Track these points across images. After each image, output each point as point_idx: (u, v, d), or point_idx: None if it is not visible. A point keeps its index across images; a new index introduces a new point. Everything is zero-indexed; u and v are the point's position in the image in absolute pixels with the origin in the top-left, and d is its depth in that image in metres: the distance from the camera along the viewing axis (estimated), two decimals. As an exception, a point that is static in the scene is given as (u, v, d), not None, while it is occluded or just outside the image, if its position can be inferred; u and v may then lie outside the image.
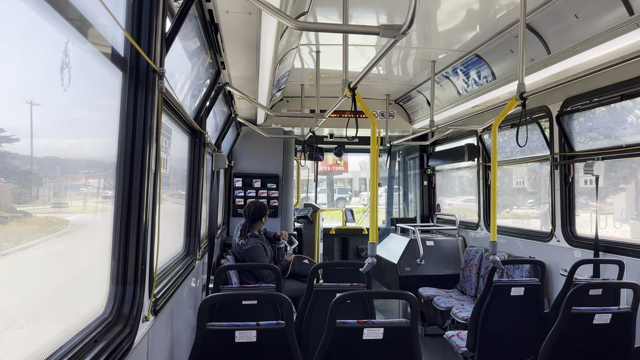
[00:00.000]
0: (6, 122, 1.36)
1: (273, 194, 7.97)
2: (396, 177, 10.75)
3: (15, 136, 1.41)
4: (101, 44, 1.89)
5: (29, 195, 1.53)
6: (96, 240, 2.10)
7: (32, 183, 1.55)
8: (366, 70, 3.24)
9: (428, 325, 7.04)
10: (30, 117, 1.46)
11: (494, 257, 4.08)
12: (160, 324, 2.72)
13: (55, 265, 1.77)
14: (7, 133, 1.37)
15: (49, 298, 1.70)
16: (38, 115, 1.50)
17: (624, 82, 4.35)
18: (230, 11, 3.00)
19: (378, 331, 2.75)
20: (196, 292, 4.42)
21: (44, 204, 1.64)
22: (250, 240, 5.90)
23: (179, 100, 3.19)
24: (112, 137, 2.08)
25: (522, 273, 5.70)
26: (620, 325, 3.37)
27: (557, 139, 5.38)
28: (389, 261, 7.28)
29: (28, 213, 1.54)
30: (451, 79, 6.24)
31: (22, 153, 1.46)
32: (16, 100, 1.40)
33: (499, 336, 4.26)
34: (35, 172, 1.56)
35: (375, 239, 3.45)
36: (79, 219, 1.95)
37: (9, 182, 1.42)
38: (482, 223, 7.14)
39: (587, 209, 5.25)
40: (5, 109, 1.36)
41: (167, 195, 3.54)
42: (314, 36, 5.08)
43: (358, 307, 3.99)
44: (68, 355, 1.57)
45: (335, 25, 3.79)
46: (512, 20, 4.43)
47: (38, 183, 1.59)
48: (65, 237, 1.84)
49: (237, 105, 6.11)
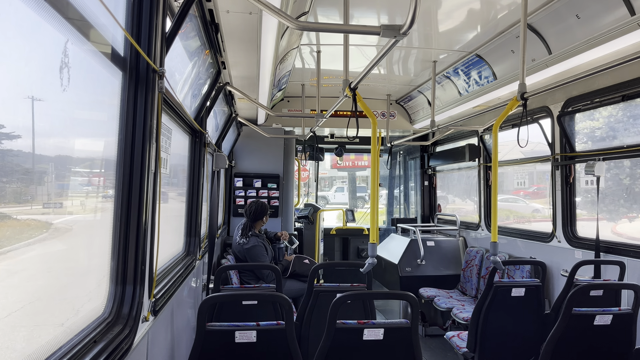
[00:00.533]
0: (5, 121, 1.36)
1: (273, 194, 7.96)
2: (397, 177, 10.75)
3: (14, 134, 1.41)
4: (101, 44, 1.88)
5: (28, 194, 1.53)
6: (96, 240, 2.10)
7: (32, 182, 1.55)
8: (367, 70, 3.24)
9: (428, 326, 7.03)
10: (32, 116, 1.46)
11: (495, 257, 4.07)
12: (160, 324, 2.72)
13: (55, 264, 1.77)
14: (6, 131, 1.37)
15: (48, 298, 1.69)
16: (38, 115, 1.50)
17: (625, 83, 4.35)
18: (231, 11, 2.99)
19: (378, 332, 2.74)
20: (196, 292, 4.42)
21: (42, 203, 1.63)
22: (252, 239, 5.90)
23: (179, 100, 3.19)
24: (112, 137, 2.07)
25: (522, 274, 5.69)
26: (621, 327, 3.36)
27: (558, 139, 5.37)
28: (390, 261, 7.27)
29: (27, 212, 1.54)
30: (452, 79, 6.24)
31: (22, 152, 1.46)
32: (16, 99, 1.39)
33: (499, 337, 4.25)
34: (34, 171, 1.55)
35: (375, 239, 3.45)
36: (78, 218, 1.95)
37: (9, 180, 1.42)
38: (483, 223, 7.14)
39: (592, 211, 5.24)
40: (5, 108, 1.35)
41: (167, 195, 3.54)
42: (314, 36, 5.07)
43: (358, 308, 3.98)
44: (68, 355, 1.56)
45: (336, 25, 3.78)
46: (513, 20, 4.42)
47: (37, 182, 1.59)
48: (65, 237, 1.83)
49: (238, 105, 6.11)
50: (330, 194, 24.86)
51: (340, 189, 25.25)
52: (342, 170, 23.06)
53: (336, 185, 26.47)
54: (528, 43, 4.21)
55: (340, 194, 24.16)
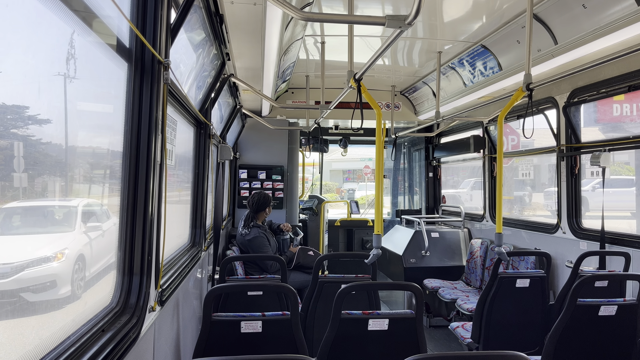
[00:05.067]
0: (11, 112, 1.37)
1: (278, 186, 7.98)
2: (401, 168, 10.73)
3: (20, 126, 1.42)
4: (106, 35, 1.89)
5: (34, 185, 1.54)
6: (103, 231, 2.12)
7: (38, 173, 1.56)
8: (371, 61, 3.22)
9: (433, 317, 7.06)
10: (37, 107, 1.47)
11: (500, 248, 4.07)
12: (167, 314, 2.74)
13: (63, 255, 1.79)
14: (12, 123, 1.38)
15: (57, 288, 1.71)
16: (44, 106, 1.51)
17: (631, 73, 4.31)
18: (235, 2, 2.99)
19: (383, 322, 2.76)
20: (202, 283, 4.45)
21: (50, 194, 1.65)
22: (253, 230, 5.92)
23: (184, 91, 3.19)
24: (117, 128, 2.08)
25: (527, 265, 5.69)
26: (625, 317, 3.36)
27: (564, 130, 5.34)
28: (394, 253, 7.29)
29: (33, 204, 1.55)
30: (457, 70, 6.21)
31: (27, 143, 1.47)
32: (22, 90, 1.40)
33: (503, 328, 4.27)
34: (41, 162, 1.56)
35: (380, 231, 3.46)
36: (85, 210, 1.97)
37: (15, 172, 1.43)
38: (488, 215, 7.13)
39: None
40: (11, 99, 1.36)
41: (172, 187, 3.55)
42: (319, 27, 5.05)
43: (363, 298, 4.00)
44: (77, 343, 1.59)
45: (340, 16, 3.77)
46: (518, 10, 4.38)
47: (43, 173, 1.60)
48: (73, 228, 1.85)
49: (242, 96, 6.11)
50: (362, 184, 25.40)
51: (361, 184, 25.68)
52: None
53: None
54: (534, 33, 4.17)
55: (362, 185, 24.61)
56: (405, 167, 10.27)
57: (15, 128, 1.40)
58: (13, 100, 1.37)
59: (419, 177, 9.75)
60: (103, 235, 2.13)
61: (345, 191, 26.13)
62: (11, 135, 1.39)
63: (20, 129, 1.42)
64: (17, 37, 1.36)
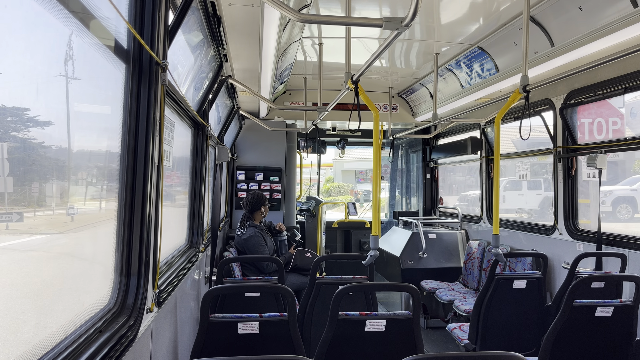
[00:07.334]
0: (9, 114, 1.37)
1: (276, 187, 7.98)
2: (399, 170, 10.74)
3: (18, 128, 1.42)
4: (104, 36, 1.89)
5: (32, 186, 1.54)
6: (100, 232, 2.12)
7: (36, 175, 1.56)
8: (369, 63, 3.23)
9: (430, 318, 7.06)
10: (35, 109, 1.47)
11: (497, 250, 4.08)
12: (164, 315, 2.74)
13: (60, 256, 1.79)
14: (10, 124, 1.38)
15: (54, 288, 1.71)
16: (41, 107, 1.51)
17: (627, 75, 4.34)
18: (233, 3, 2.99)
19: (380, 323, 2.76)
20: (199, 284, 4.45)
21: (47, 197, 1.65)
22: (249, 230, 5.92)
23: (182, 93, 3.19)
24: (115, 129, 2.08)
25: (524, 266, 5.70)
26: (622, 318, 3.37)
27: (561, 131, 5.36)
28: (392, 254, 7.29)
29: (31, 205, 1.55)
30: (454, 71, 6.22)
31: (25, 145, 1.47)
32: (20, 91, 1.40)
33: (501, 329, 4.28)
34: (38, 163, 1.57)
35: (377, 232, 3.46)
36: (82, 210, 1.96)
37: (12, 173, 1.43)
38: (485, 216, 7.14)
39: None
40: (9, 100, 1.36)
41: (170, 188, 3.55)
42: (316, 29, 5.06)
43: (360, 300, 4.01)
44: (74, 344, 1.59)
45: (337, 18, 3.78)
46: (515, 12, 4.40)
47: (41, 175, 1.60)
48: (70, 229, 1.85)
49: (240, 98, 6.11)
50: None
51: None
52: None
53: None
54: (530, 35, 4.19)
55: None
56: (403, 168, 10.28)
57: (15, 131, 1.40)
58: (12, 101, 1.37)
59: (416, 179, 9.76)
60: (100, 236, 2.13)
61: (360, 193, 25.80)
62: (11, 138, 1.39)
63: (20, 132, 1.42)
64: (15, 38, 1.36)
